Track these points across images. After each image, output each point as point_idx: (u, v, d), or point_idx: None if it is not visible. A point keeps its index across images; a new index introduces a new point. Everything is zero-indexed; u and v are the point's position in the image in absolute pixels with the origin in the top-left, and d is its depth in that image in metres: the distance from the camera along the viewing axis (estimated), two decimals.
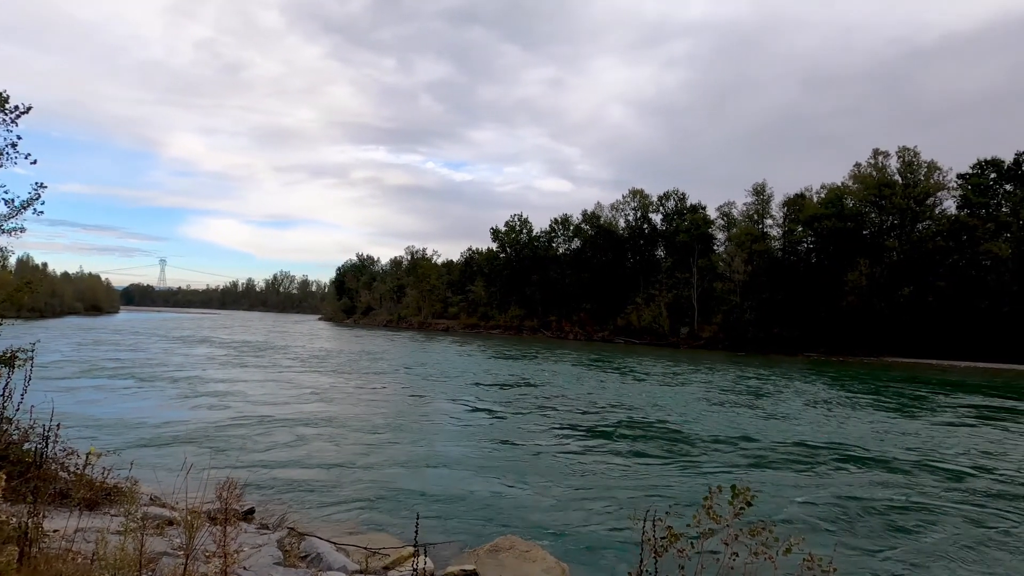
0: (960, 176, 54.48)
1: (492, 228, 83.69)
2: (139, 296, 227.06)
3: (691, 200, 71.36)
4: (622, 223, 76.05)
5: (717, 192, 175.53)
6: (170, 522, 5.45)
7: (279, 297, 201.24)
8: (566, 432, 13.32)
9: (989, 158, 54.01)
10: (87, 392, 16.39)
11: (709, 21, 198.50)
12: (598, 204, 78.65)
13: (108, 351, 30.33)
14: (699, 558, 3.65)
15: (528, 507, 7.95)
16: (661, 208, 73.49)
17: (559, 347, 50.67)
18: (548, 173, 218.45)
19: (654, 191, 76.00)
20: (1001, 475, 10.39)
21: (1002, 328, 45.58)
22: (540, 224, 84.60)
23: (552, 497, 8.40)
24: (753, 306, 56.80)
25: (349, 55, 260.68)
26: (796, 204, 59.99)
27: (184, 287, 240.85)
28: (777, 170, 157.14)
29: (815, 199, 59.67)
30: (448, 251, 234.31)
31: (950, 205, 54.57)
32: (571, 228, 79.15)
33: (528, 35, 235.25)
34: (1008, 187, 52.86)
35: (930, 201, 54.86)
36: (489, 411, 15.98)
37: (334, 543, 5.85)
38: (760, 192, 63.59)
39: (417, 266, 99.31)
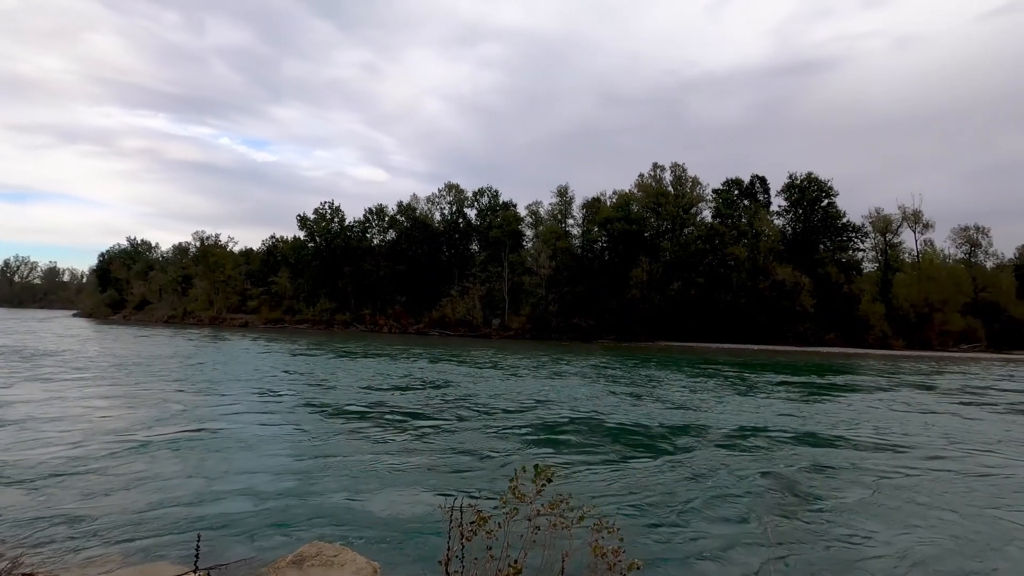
0: (714, 191, 66.66)
1: (299, 215, 77.89)
2: None
3: (504, 197, 75.11)
4: (438, 216, 76.83)
5: (527, 191, 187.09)
6: None
7: (14, 288, 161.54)
8: (376, 427, 13.04)
9: (733, 178, 67.43)
10: None
11: (519, 29, 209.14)
12: (414, 196, 78.22)
13: None
14: (506, 537, 3.87)
15: (336, 508, 7.60)
16: (476, 204, 75.94)
17: (373, 341, 49.36)
18: (362, 161, 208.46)
19: (469, 187, 78.27)
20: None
21: (741, 317, 57.04)
22: (354, 213, 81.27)
23: (363, 495, 8.15)
24: (556, 298, 62.10)
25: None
26: (593, 207, 67.04)
27: None
28: (578, 175, 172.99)
29: (608, 203, 67.33)
30: (247, 238, 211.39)
31: (707, 214, 66.30)
32: (386, 219, 77.41)
33: (340, 14, 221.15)
34: (746, 202, 66.09)
35: (693, 210, 65.82)
36: (290, 411, 14.90)
37: None
38: (563, 194, 69.65)
39: (208, 254, 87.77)
